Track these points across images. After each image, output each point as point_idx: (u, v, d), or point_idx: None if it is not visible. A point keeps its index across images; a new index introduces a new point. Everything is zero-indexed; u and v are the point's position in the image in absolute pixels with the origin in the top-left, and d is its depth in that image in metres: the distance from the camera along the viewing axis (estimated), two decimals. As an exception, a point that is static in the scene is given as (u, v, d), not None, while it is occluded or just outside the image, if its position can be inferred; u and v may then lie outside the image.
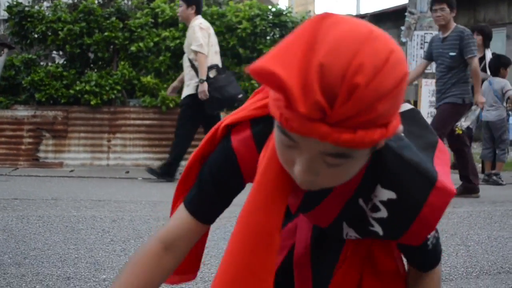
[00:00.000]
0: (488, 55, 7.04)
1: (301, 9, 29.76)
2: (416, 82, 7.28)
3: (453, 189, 1.04)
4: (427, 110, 7.13)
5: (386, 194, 1.05)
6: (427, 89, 7.13)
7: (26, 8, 7.20)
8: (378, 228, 1.09)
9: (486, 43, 6.98)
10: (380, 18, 14.83)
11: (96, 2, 7.51)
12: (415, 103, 7.25)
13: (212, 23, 7.01)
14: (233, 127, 1.13)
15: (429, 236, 1.15)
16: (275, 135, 0.92)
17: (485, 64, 7.02)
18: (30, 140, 6.87)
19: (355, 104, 0.78)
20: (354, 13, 23.57)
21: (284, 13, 7.40)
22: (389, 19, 14.28)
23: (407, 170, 1.03)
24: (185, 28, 6.97)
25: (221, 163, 1.14)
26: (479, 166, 7.80)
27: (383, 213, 1.06)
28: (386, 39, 0.83)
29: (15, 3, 7.23)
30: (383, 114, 0.81)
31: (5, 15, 7.90)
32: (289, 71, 0.77)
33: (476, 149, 9.42)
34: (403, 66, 0.83)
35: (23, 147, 6.85)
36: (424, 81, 7.12)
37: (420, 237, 1.09)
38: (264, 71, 0.77)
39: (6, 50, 7.13)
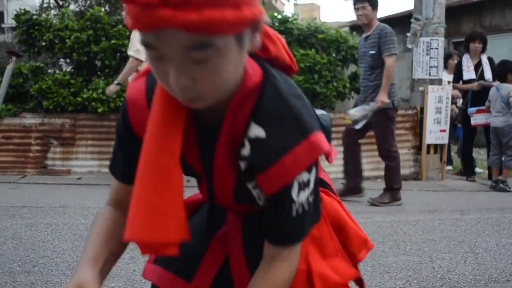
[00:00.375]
0: (484, 60, 7.09)
1: (306, 16, 29.80)
2: (422, 88, 7.28)
3: (326, 149, 1.02)
4: (433, 116, 7.13)
5: (255, 130, 1.02)
6: (433, 95, 7.12)
7: (34, 17, 7.24)
8: (242, 165, 1.06)
9: (483, 49, 7.09)
10: (386, 23, 14.81)
11: (103, 10, 7.54)
12: (421, 110, 7.23)
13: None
14: None
15: (295, 205, 1.06)
16: (150, 65, 0.93)
17: (482, 69, 7.05)
18: (38, 147, 6.90)
19: None
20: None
21: (289, 20, 7.43)
22: (395, 24, 14.22)
23: (287, 112, 1.01)
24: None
25: (119, 118, 1.16)
26: (485, 172, 7.78)
27: (246, 150, 1.04)
28: None
29: (22, 11, 7.27)
30: None
31: (12, 23, 7.93)
32: None
33: (483, 155, 9.39)
34: None
35: (31, 154, 6.88)
36: (430, 87, 7.12)
37: (274, 185, 1.02)
38: None
39: (14, 58, 7.16)
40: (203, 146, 1.11)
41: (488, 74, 7.03)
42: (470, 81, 7.16)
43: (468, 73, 7.14)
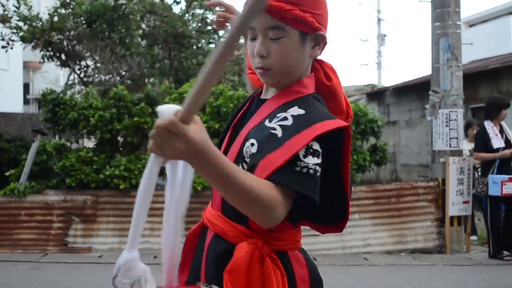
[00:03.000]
0: (505, 126, 6.77)
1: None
2: (443, 159, 7.25)
3: (345, 125, 1.36)
4: (455, 188, 7.06)
5: (297, 111, 1.40)
6: (455, 167, 7.08)
7: (60, 96, 7.44)
8: (279, 131, 1.37)
9: None
10: (404, 90, 14.97)
11: (126, 88, 7.73)
12: (443, 181, 7.17)
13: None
14: None
15: (300, 162, 1.32)
16: (248, 42, 1.48)
17: (506, 136, 6.68)
18: (60, 224, 6.92)
19: None
20: (376, 84, 23.85)
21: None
22: (412, 91, 14.40)
23: (320, 106, 1.44)
24: (212, 112, 7.13)
25: None
26: None
27: (289, 121, 1.38)
28: None
29: (49, 91, 7.49)
30: (298, 1, 1.38)
31: (37, 94, 8.12)
32: None
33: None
34: None
35: (52, 231, 6.91)
36: (451, 159, 7.09)
37: (302, 142, 1.32)
38: None
39: (39, 137, 7.34)
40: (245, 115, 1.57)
41: None
42: (498, 149, 6.65)
43: (497, 141, 6.79)
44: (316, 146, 1.34)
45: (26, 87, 23.17)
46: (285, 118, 1.38)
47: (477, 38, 16.13)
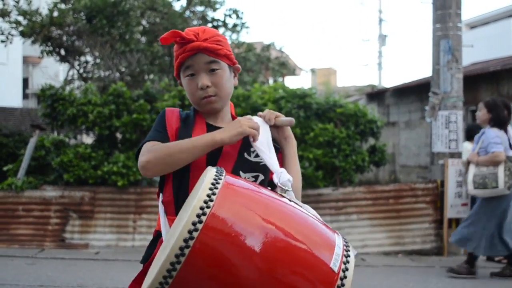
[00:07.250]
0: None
1: (323, 80, 30.18)
2: (442, 161, 7.23)
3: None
4: (454, 190, 7.04)
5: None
6: (454, 169, 7.06)
7: (59, 91, 7.41)
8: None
9: None
10: (403, 92, 14.94)
11: (125, 85, 7.70)
12: (442, 183, 7.15)
13: (238, 105, 7.14)
14: None
15: None
16: (185, 85, 1.81)
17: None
18: (57, 220, 6.91)
19: (206, 34, 1.76)
20: (376, 84, 23.84)
21: (309, 94, 7.52)
22: (412, 92, 14.38)
23: None
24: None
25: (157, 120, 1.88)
26: None
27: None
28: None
29: (48, 86, 7.46)
30: (221, 42, 1.78)
31: (36, 89, 8.06)
32: (182, 33, 1.74)
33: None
34: (219, 34, 1.83)
35: (49, 227, 6.89)
36: (450, 161, 7.07)
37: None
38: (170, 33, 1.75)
39: (37, 132, 7.32)
40: None
41: None
42: None
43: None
44: None
45: (25, 82, 23.10)
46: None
47: (478, 40, 16.12)
